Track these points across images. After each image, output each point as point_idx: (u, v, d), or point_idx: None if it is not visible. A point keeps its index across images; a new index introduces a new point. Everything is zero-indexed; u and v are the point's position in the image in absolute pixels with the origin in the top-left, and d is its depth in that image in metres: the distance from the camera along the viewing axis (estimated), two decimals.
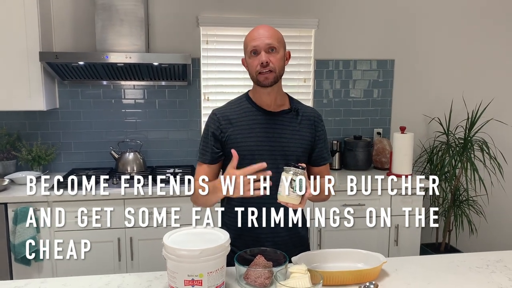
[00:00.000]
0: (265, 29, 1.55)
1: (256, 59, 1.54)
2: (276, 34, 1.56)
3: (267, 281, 1.35)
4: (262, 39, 1.52)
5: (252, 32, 1.57)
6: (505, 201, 3.60)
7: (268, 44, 1.52)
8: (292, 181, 1.32)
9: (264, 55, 1.52)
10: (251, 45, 1.54)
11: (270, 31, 1.55)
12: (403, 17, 3.36)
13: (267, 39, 1.52)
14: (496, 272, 1.52)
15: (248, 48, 1.56)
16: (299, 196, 1.34)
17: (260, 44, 1.52)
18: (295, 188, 1.32)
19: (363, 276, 1.41)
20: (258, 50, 1.53)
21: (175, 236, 1.32)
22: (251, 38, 1.55)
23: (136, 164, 3.00)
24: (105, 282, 1.43)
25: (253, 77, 1.58)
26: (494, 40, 3.50)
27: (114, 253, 2.64)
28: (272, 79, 1.54)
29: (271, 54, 1.53)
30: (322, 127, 1.69)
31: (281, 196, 1.34)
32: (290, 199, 1.33)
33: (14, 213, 2.46)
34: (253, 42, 1.53)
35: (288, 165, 1.34)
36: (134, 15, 2.80)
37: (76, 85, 3.06)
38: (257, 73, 1.54)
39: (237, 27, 3.15)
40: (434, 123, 3.46)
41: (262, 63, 1.51)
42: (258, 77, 1.55)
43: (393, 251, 2.91)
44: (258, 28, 1.57)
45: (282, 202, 1.35)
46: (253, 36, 1.55)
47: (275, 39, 1.54)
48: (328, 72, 3.34)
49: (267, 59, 1.52)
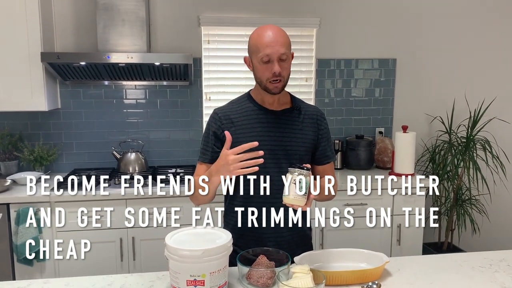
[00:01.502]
0: (277, 35, 1.50)
1: (269, 68, 1.50)
2: (287, 40, 1.53)
3: (270, 281, 1.35)
4: (276, 48, 1.48)
5: (263, 36, 1.50)
6: (508, 200, 3.60)
7: (283, 53, 1.49)
8: (297, 182, 1.31)
9: (277, 66, 1.49)
10: (264, 53, 1.48)
11: (283, 37, 1.51)
12: (405, 16, 3.35)
13: (281, 48, 1.48)
14: (499, 271, 1.52)
15: (259, 54, 1.50)
16: (304, 197, 1.33)
17: (274, 54, 1.48)
18: (300, 189, 1.31)
19: (366, 276, 1.41)
20: (272, 59, 1.49)
21: (177, 236, 1.32)
22: (264, 44, 1.49)
23: (138, 164, 3.00)
24: (108, 282, 1.43)
25: (261, 84, 1.55)
26: (497, 38, 3.49)
27: (116, 253, 2.64)
28: (281, 88, 1.54)
29: (283, 64, 1.50)
30: (325, 126, 1.68)
31: (286, 197, 1.33)
32: (295, 201, 1.32)
33: (16, 213, 2.46)
34: (266, 50, 1.48)
35: (293, 166, 1.33)
36: (135, 15, 2.80)
37: (77, 86, 3.06)
38: (268, 81, 1.52)
39: (239, 26, 3.14)
40: (436, 122, 3.45)
41: (274, 73, 1.49)
42: (268, 85, 1.53)
43: (395, 251, 2.91)
44: (269, 31, 1.50)
45: (288, 204, 1.34)
46: (266, 42, 1.48)
47: (287, 47, 1.51)
48: (329, 71, 3.33)
49: (280, 69, 1.49)
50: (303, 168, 1.32)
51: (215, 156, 1.60)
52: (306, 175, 1.31)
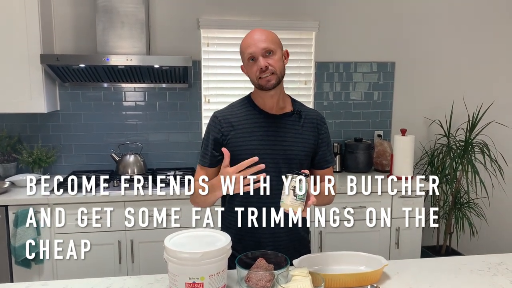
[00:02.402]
0: (259, 33, 1.54)
1: (255, 65, 1.52)
2: (270, 36, 1.55)
3: (269, 284, 1.34)
4: (257, 44, 1.51)
5: (246, 39, 1.56)
6: (506, 203, 3.60)
7: (263, 48, 1.51)
8: (295, 188, 1.31)
9: (262, 60, 1.51)
10: (248, 52, 1.53)
11: (264, 34, 1.54)
12: (403, 19, 3.36)
13: (262, 43, 1.51)
14: (497, 274, 1.52)
15: (245, 55, 1.55)
16: (302, 203, 1.33)
17: (256, 50, 1.51)
18: (298, 195, 1.31)
19: (365, 279, 1.41)
20: (256, 56, 1.52)
21: (176, 239, 1.32)
22: (246, 45, 1.54)
23: (137, 166, 3.00)
24: (106, 285, 1.42)
25: (254, 83, 1.57)
26: (495, 42, 3.50)
27: (114, 256, 2.64)
28: (275, 81, 1.53)
29: (268, 58, 1.52)
30: (326, 130, 1.68)
31: (284, 203, 1.34)
32: (294, 207, 1.32)
33: (15, 215, 2.46)
34: (249, 49, 1.52)
35: (291, 172, 1.33)
36: (135, 18, 2.81)
37: (77, 88, 3.06)
38: (258, 78, 1.53)
39: (238, 29, 3.15)
40: (435, 125, 3.46)
41: (261, 68, 1.51)
42: (260, 82, 1.54)
43: (394, 254, 2.91)
44: (252, 33, 1.55)
45: (285, 210, 1.34)
46: (248, 43, 1.53)
47: (270, 42, 1.53)
48: (328, 74, 3.34)
49: (265, 63, 1.51)
50: (301, 174, 1.32)
51: (214, 161, 1.60)
52: (304, 181, 1.31)
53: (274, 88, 1.55)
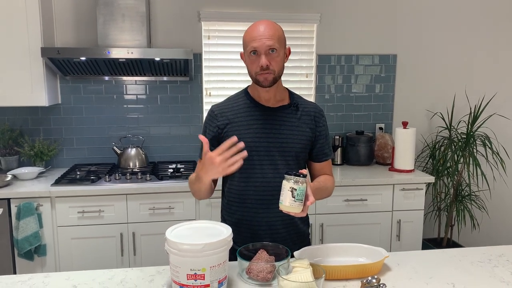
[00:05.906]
0: (266, 28, 1.49)
1: (256, 61, 1.50)
2: (277, 33, 1.51)
3: (270, 275, 1.35)
4: (262, 40, 1.47)
5: (252, 30, 1.51)
6: (508, 196, 3.60)
7: (269, 46, 1.48)
8: (293, 189, 1.31)
9: (264, 59, 1.48)
10: (251, 45, 1.49)
11: (271, 30, 1.50)
12: (405, 11, 3.35)
13: (268, 41, 1.47)
14: (498, 266, 1.52)
15: (247, 47, 1.51)
16: (301, 204, 1.33)
17: (261, 46, 1.48)
18: (297, 196, 1.31)
19: (365, 271, 1.41)
20: (259, 52, 1.49)
21: (177, 231, 1.33)
22: (251, 37, 1.50)
23: (138, 159, 3.01)
24: (108, 276, 1.43)
25: (252, 77, 1.56)
26: (497, 34, 3.48)
27: (116, 248, 2.65)
28: (272, 80, 1.52)
29: (271, 56, 1.49)
30: (324, 123, 1.67)
31: (283, 205, 1.34)
32: (292, 208, 1.33)
33: (17, 208, 2.47)
34: (253, 43, 1.49)
35: (289, 174, 1.32)
36: (135, 10, 2.80)
37: (78, 81, 3.06)
38: (256, 74, 1.52)
39: (239, 22, 3.14)
40: (437, 118, 3.45)
41: (262, 66, 1.49)
42: (258, 77, 1.52)
43: (395, 246, 2.92)
44: (258, 25, 1.51)
45: (284, 211, 1.35)
46: (253, 36, 1.49)
47: (276, 40, 1.49)
48: (330, 67, 3.33)
49: (267, 62, 1.48)
50: (300, 175, 1.32)
51: None
52: (302, 182, 1.31)
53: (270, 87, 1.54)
